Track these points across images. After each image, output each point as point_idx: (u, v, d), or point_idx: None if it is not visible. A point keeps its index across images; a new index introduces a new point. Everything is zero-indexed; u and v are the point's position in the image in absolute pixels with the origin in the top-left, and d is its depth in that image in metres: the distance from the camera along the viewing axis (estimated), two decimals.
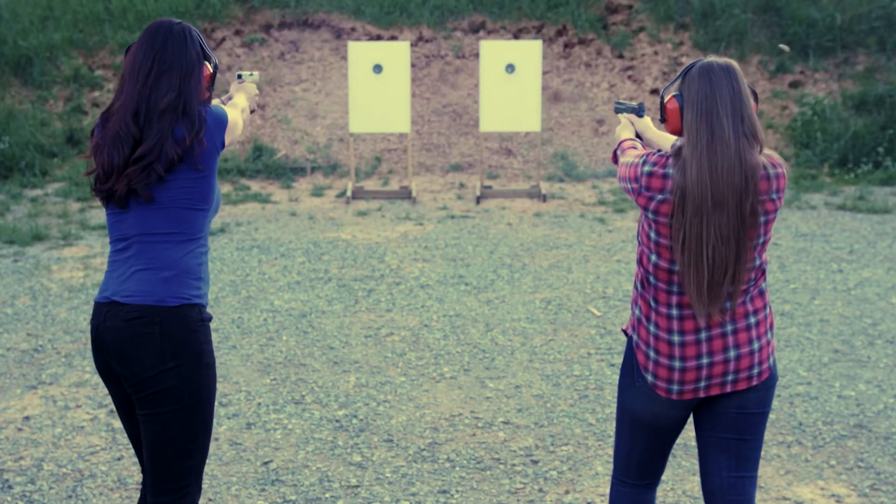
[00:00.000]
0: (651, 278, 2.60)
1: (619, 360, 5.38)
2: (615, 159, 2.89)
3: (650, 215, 2.56)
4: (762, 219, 2.50)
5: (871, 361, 5.39)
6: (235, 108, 2.92)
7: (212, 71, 2.74)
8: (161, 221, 2.59)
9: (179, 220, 2.60)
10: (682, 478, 4.03)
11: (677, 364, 2.59)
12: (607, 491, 3.92)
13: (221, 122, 2.66)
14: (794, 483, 4.01)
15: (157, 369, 2.55)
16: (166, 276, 2.58)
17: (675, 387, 2.61)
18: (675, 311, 2.58)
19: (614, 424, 4.53)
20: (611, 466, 4.12)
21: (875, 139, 11.21)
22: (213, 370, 2.65)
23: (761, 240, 2.53)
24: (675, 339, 2.58)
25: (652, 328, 2.62)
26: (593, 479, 4.04)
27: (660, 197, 2.52)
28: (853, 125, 11.29)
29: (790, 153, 11.30)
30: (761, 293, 2.62)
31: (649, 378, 2.64)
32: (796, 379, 5.11)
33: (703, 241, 2.46)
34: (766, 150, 2.55)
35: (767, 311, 2.65)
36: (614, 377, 5.13)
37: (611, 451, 4.26)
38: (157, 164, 2.54)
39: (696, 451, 4.17)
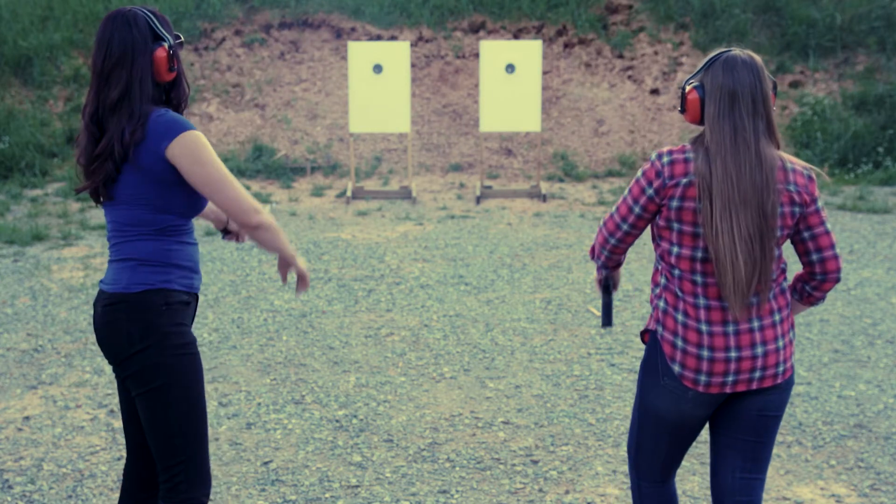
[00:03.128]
0: (675, 271, 2.62)
1: (619, 359, 5.38)
2: (593, 254, 2.82)
3: (675, 203, 2.56)
4: (779, 210, 2.54)
5: (871, 361, 5.39)
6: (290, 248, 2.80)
7: (169, 52, 2.66)
8: (124, 217, 2.68)
9: (138, 217, 2.67)
10: (682, 478, 4.03)
11: (706, 353, 2.59)
12: (607, 491, 3.92)
13: (170, 129, 2.59)
14: (794, 483, 4.01)
15: (128, 352, 2.67)
16: (132, 265, 2.68)
17: (703, 377, 2.60)
18: (701, 301, 2.60)
19: (615, 425, 4.53)
20: (611, 466, 4.12)
21: (875, 139, 11.22)
22: (186, 349, 2.69)
23: (781, 232, 2.57)
24: (704, 328, 2.59)
25: (680, 317, 2.62)
26: (593, 479, 4.04)
27: (685, 181, 2.54)
28: (853, 125, 11.29)
29: (790, 153, 11.29)
30: (783, 292, 2.66)
31: (676, 368, 2.62)
32: (796, 379, 5.11)
33: (735, 236, 2.50)
34: (792, 158, 2.60)
35: (789, 310, 2.68)
36: (614, 377, 5.13)
37: (611, 451, 4.26)
38: (109, 163, 2.61)
39: (695, 451, 4.17)
